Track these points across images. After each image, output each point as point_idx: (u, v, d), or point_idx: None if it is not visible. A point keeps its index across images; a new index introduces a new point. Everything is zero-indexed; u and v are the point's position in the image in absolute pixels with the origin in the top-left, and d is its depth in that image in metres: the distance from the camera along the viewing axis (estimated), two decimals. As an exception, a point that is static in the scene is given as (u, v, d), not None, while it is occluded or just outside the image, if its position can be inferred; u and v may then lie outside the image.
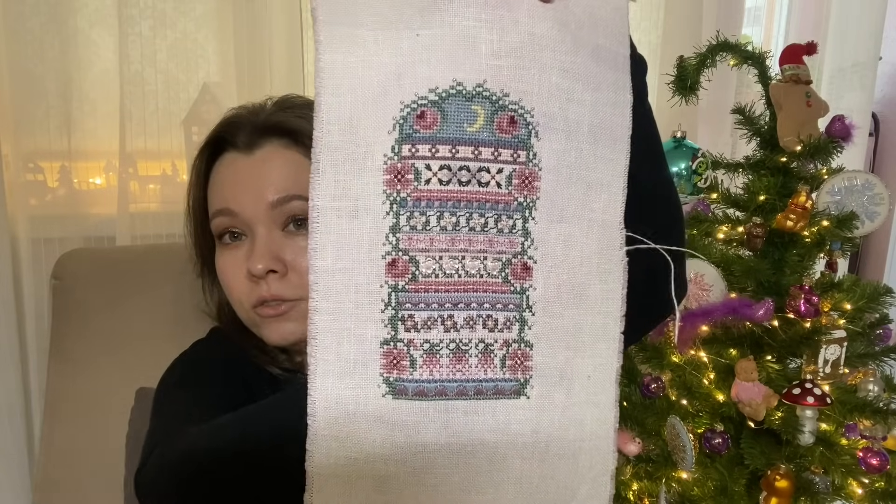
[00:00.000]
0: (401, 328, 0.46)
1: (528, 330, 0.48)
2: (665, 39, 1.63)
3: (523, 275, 0.47)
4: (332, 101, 0.46)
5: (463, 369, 0.46)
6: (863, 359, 1.12)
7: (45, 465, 1.03)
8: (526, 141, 0.47)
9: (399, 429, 0.46)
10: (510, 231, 0.47)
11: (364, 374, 0.46)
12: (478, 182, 0.46)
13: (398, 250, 0.46)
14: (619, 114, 0.49)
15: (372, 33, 0.46)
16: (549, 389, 0.48)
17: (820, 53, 1.51)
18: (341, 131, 0.46)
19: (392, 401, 0.46)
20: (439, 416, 0.46)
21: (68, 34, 1.25)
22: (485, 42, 0.45)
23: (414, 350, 0.46)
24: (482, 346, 0.47)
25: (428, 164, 0.46)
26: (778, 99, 1.07)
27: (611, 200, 0.49)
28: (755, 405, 0.99)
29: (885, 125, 1.94)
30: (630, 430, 1.10)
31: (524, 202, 0.47)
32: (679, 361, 1.12)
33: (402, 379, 0.46)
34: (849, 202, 1.10)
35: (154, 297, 1.08)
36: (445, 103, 0.45)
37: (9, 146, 1.23)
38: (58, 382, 1.05)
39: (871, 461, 0.97)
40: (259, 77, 1.36)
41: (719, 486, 1.06)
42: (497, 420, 0.47)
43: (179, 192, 1.39)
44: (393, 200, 0.46)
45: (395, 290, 0.46)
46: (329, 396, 0.46)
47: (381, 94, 0.46)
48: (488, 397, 0.47)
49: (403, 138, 0.46)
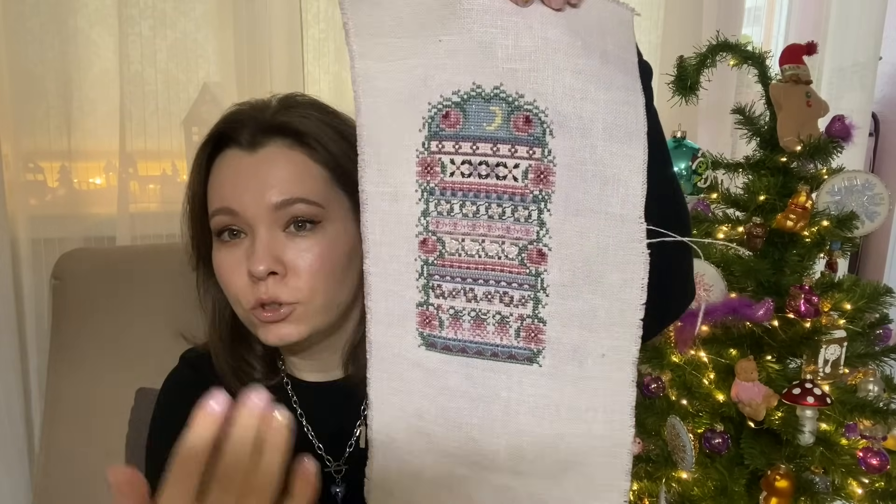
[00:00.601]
0: (431, 294, 0.54)
1: (542, 308, 0.53)
2: (665, 39, 1.63)
3: (538, 260, 0.52)
4: (369, 101, 0.54)
5: (482, 334, 0.54)
6: (863, 359, 1.12)
7: (45, 465, 1.03)
8: (541, 138, 0.51)
9: (430, 373, 0.55)
10: (526, 220, 0.52)
11: (404, 327, 0.55)
12: (496, 175, 0.52)
13: (428, 231, 0.53)
14: (633, 112, 0.52)
15: (398, 41, 0.52)
16: (562, 361, 0.54)
17: (820, 53, 1.51)
18: (381, 129, 0.54)
19: (425, 350, 0.55)
20: (462, 368, 0.55)
21: (68, 34, 1.25)
22: (501, 47, 0.50)
23: (442, 313, 0.54)
24: (499, 317, 0.54)
25: (452, 158, 0.52)
26: (778, 99, 1.07)
27: (628, 195, 0.52)
28: (755, 405, 1.00)
29: (885, 125, 1.94)
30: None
31: (539, 195, 0.52)
32: (679, 361, 1.12)
33: (432, 335, 0.55)
34: (849, 202, 1.10)
35: (154, 297, 1.08)
36: (467, 104, 0.51)
37: (9, 146, 1.23)
38: (58, 382, 1.05)
39: (871, 461, 0.97)
40: (259, 77, 1.36)
41: (719, 486, 1.06)
42: (511, 380, 0.54)
43: (179, 192, 1.37)
44: (424, 189, 0.53)
45: (426, 264, 0.54)
46: (380, 340, 0.57)
47: (410, 96, 0.52)
48: (502, 360, 0.54)
49: (432, 135, 0.52)
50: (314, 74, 1.44)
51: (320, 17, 1.43)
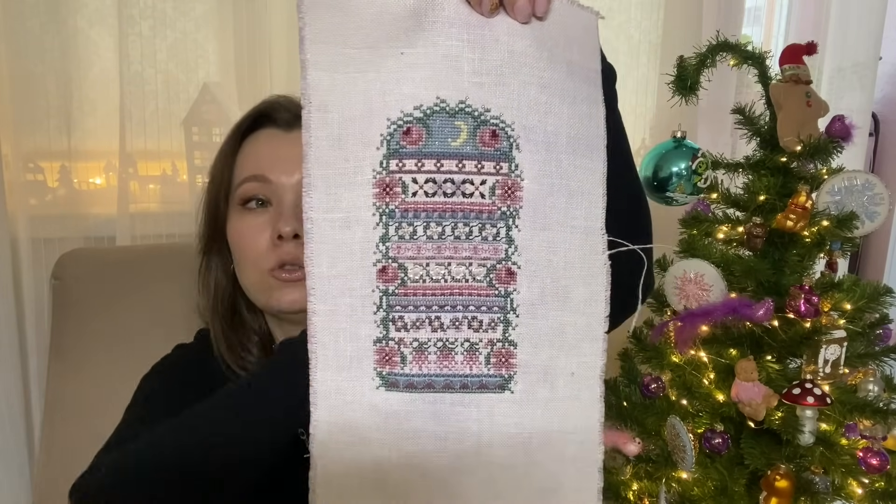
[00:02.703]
0: (392, 328, 0.50)
1: (513, 330, 0.51)
2: (665, 39, 1.63)
3: (507, 279, 0.50)
4: (319, 117, 0.49)
5: (449, 365, 0.50)
6: (863, 359, 1.12)
7: (45, 465, 1.03)
8: (507, 153, 0.49)
9: (391, 417, 0.50)
10: (494, 238, 0.50)
11: (359, 368, 0.50)
12: (462, 193, 0.49)
13: (388, 258, 0.49)
14: (594, 125, 0.52)
15: (357, 52, 0.48)
16: (533, 385, 0.51)
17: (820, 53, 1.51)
18: (330, 147, 0.49)
19: (385, 392, 0.50)
20: (427, 406, 0.50)
21: (68, 34, 1.25)
22: (467, 61, 0.48)
23: (404, 347, 0.50)
24: (468, 345, 0.50)
25: (414, 177, 0.49)
26: (778, 99, 1.07)
27: (591, 207, 0.52)
28: (755, 405, 0.99)
29: (885, 125, 1.94)
30: (630, 430, 1.10)
31: (507, 211, 0.50)
32: (679, 361, 1.12)
33: (393, 373, 0.50)
34: (849, 202, 1.10)
35: (154, 297, 1.08)
36: (430, 120, 0.48)
37: (9, 146, 1.23)
38: (58, 382, 1.05)
39: (871, 461, 0.97)
40: (259, 77, 1.36)
41: (719, 486, 1.06)
42: (481, 411, 0.51)
43: (179, 192, 1.39)
44: (382, 212, 0.49)
45: (385, 294, 0.49)
46: (329, 387, 0.50)
47: (367, 111, 0.49)
48: (473, 391, 0.51)
49: (391, 153, 0.48)
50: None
51: (320, 17, 1.43)
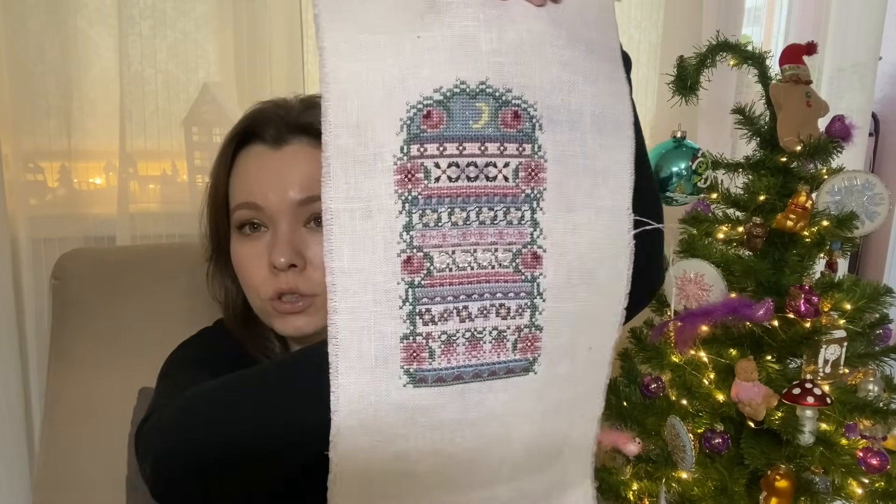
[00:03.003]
0: (419, 322, 0.47)
1: (539, 315, 0.50)
2: (665, 39, 1.63)
3: (533, 263, 0.49)
4: (338, 105, 0.47)
5: (478, 355, 0.49)
6: (863, 359, 1.12)
7: (45, 465, 1.03)
8: (530, 134, 0.48)
9: (418, 412, 0.49)
10: (519, 222, 0.49)
11: (385, 369, 0.48)
12: (485, 177, 0.48)
13: (412, 247, 0.47)
14: (620, 102, 0.51)
15: (374, 38, 0.47)
16: (555, 363, 0.51)
17: (820, 53, 1.51)
18: (349, 134, 0.47)
19: (412, 389, 0.48)
20: (457, 396, 0.49)
21: (68, 34, 1.25)
22: (485, 41, 0.46)
23: (432, 342, 0.48)
24: (495, 333, 0.49)
25: (437, 162, 0.47)
26: (778, 99, 1.07)
27: (618, 187, 0.51)
28: (755, 405, 0.99)
29: (885, 125, 1.94)
30: (630, 430, 1.10)
31: (531, 194, 0.49)
32: (679, 361, 1.12)
33: (421, 370, 0.48)
34: (849, 202, 1.10)
35: (154, 297, 1.08)
36: (450, 102, 0.46)
37: (9, 146, 1.23)
38: (58, 382, 1.05)
39: (871, 461, 0.97)
40: (259, 77, 1.36)
41: (719, 486, 1.06)
42: (508, 394, 0.50)
43: (179, 192, 1.39)
44: (405, 199, 0.47)
45: (411, 287, 0.47)
46: (352, 391, 0.47)
47: (386, 96, 0.47)
48: (501, 377, 0.50)
49: (411, 138, 0.47)
50: (314, 74, 1.44)
51: (320, 17, 1.43)
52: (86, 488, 1.01)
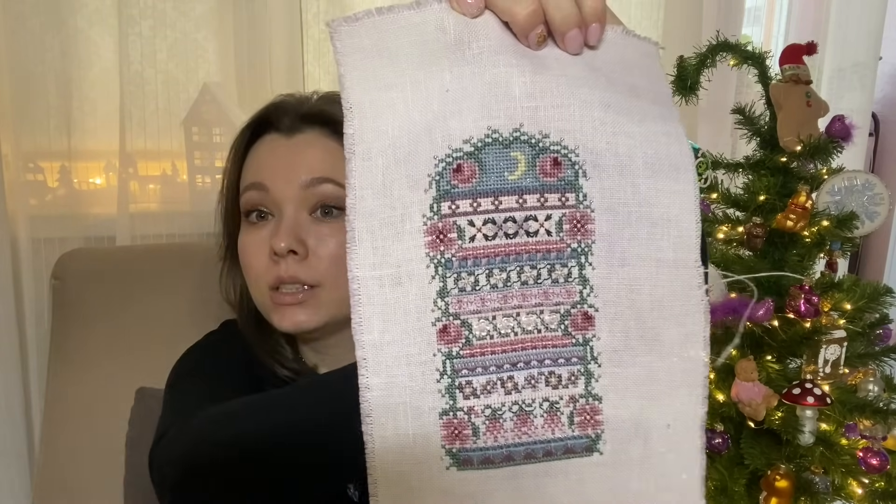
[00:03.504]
0: (459, 396, 0.44)
1: (596, 382, 0.45)
2: (665, 39, 1.63)
3: (585, 325, 0.45)
4: (363, 165, 0.44)
5: (529, 431, 0.44)
6: (863, 359, 1.12)
7: (45, 465, 1.03)
8: (573, 182, 0.44)
9: (467, 500, 0.44)
10: (566, 280, 0.44)
11: (425, 448, 0.44)
12: (525, 232, 0.44)
13: (448, 315, 0.44)
14: (676, 143, 0.46)
15: (401, 94, 0.44)
16: (624, 443, 0.46)
17: (820, 53, 1.51)
18: (374, 195, 0.44)
19: (457, 472, 0.44)
20: (508, 482, 0.44)
21: (68, 34, 1.25)
22: (517, 85, 0.43)
23: (475, 417, 0.44)
24: (547, 405, 0.45)
25: (471, 219, 0.43)
26: (778, 99, 1.07)
27: (681, 236, 0.46)
28: (755, 405, 0.99)
29: (885, 125, 1.94)
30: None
31: (578, 248, 0.44)
32: (679, 361, 1.12)
33: (465, 449, 0.44)
34: (849, 202, 1.10)
35: (154, 297, 1.08)
36: (482, 153, 0.43)
37: (9, 146, 1.23)
38: (58, 382, 1.05)
39: (871, 461, 0.97)
40: (259, 77, 1.36)
41: (719, 486, 1.06)
42: (570, 480, 0.45)
43: (179, 192, 1.39)
44: (437, 263, 0.44)
45: (449, 358, 0.44)
46: (390, 474, 0.44)
47: (412, 152, 0.44)
48: (559, 457, 0.45)
49: (441, 195, 0.43)
50: (314, 74, 1.44)
51: (320, 17, 1.43)
52: (86, 488, 1.01)
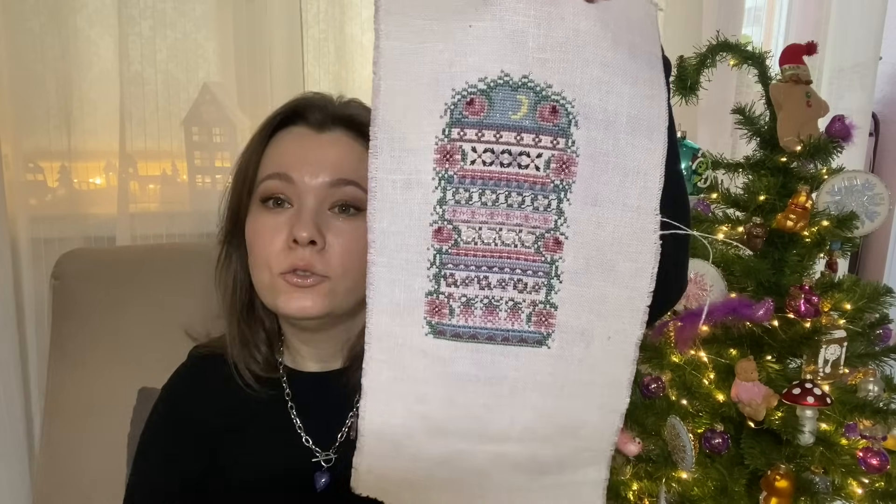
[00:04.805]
0: (443, 283, 0.54)
1: (555, 294, 0.54)
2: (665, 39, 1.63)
3: (554, 248, 0.53)
4: (389, 83, 0.52)
5: (493, 321, 0.54)
6: (863, 359, 1.12)
7: (45, 465, 1.03)
8: (566, 129, 0.51)
9: (437, 360, 0.55)
10: (545, 209, 0.53)
11: (411, 316, 0.55)
12: (518, 164, 0.52)
13: (444, 220, 0.53)
14: (656, 106, 0.53)
15: (428, 23, 0.51)
16: (569, 343, 0.55)
17: (820, 53, 1.51)
18: (397, 113, 0.52)
19: (433, 339, 0.55)
20: (470, 353, 0.55)
21: (68, 34, 1.25)
22: (532, 36, 0.50)
23: (453, 301, 0.54)
24: (511, 304, 0.54)
25: (474, 146, 0.51)
26: (778, 99, 1.07)
27: (646, 188, 0.53)
28: (755, 405, 0.99)
29: (885, 125, 1.94)
30: (630, 430, 1.10)
31: (560, 185, 0.52)
32: (679, 361, 1.12)
33: (441, 323, 0.55)
34: (849, 202, 1.10)
35: (154, 296, 1.08)
36: (493, 92, 0.51)
37: (9, 146, 1.23)
38: (58, 382, 1.05)
39: (871, 461, 0.97)
40: (259, 77, 1.36)
41: (719, 486, 1.06)
42: (519, 361, 0.55)
43: (179, 192, 1.39)
44: (441, 177, 0.52)
45: (439, 253, 0.53)
46: (382, 330, 0.55)
47: (433, 80, 0.51)
48: (514, 344, 0.55)
49: (453, 122, 0.51)
50: (314, 74, 1.44)
51: (320, 17, 1.43)
52: (86, 488, 1.01)
